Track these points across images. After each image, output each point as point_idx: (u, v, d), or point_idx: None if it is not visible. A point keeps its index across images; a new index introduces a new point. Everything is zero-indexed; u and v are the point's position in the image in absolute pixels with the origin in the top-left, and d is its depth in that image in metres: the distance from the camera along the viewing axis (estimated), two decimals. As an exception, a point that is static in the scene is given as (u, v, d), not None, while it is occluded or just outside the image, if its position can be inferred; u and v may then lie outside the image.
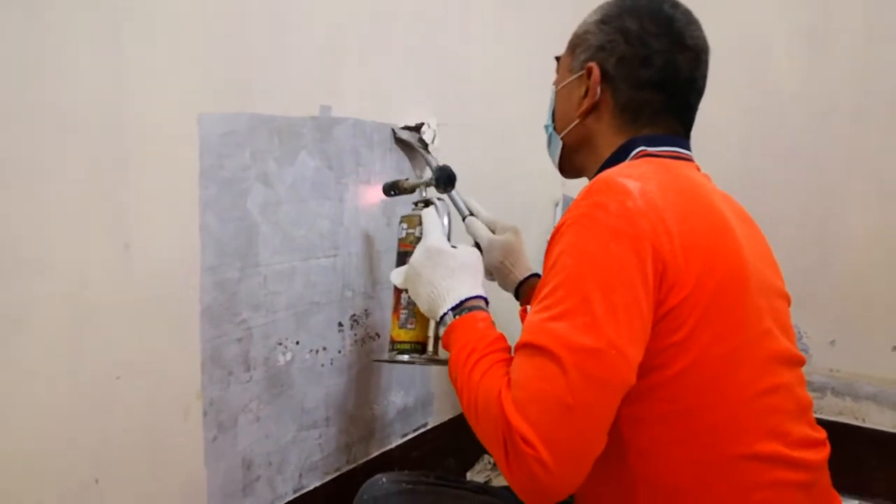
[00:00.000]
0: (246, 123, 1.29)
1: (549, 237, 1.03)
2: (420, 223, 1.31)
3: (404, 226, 1.37)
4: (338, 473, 1.55)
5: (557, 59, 1.27)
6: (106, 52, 1.08)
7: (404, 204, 1.52)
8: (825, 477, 1.05)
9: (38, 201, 1.02)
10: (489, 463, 1.92)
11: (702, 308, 0.94)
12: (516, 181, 2.00)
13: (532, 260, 1.47)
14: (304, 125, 1.40)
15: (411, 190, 1.45)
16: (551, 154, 1.28)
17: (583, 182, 1.12)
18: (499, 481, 1.83)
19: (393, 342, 1.34)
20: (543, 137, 1.28)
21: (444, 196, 1.44)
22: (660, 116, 1.14)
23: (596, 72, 1.14)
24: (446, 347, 1.12)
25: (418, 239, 1.30)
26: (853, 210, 1.85)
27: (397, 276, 1.29)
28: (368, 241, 1.57)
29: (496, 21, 1.92)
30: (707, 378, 0.95)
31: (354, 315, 1.56)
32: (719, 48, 1.19)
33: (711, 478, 0.94)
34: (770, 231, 1.88)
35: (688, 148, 1.16)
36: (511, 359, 0.99)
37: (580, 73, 1.17)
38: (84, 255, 1.08)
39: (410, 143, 1.59)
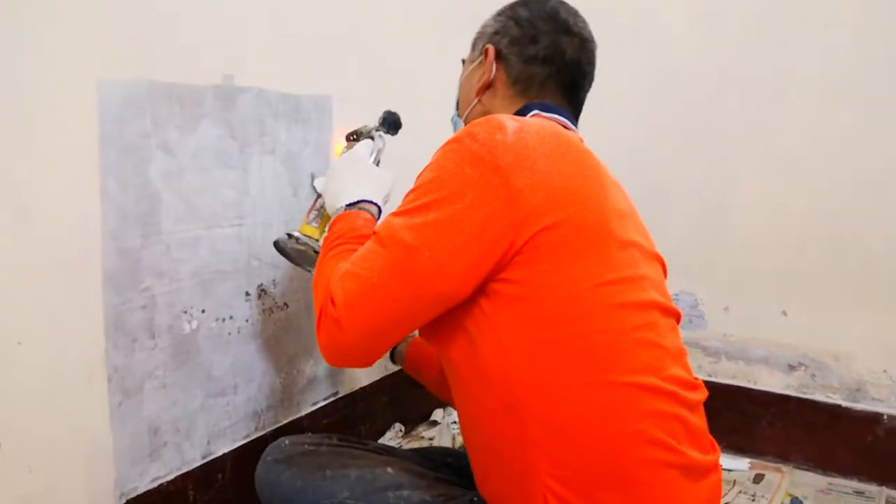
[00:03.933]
0: (146, 90, 1.30)
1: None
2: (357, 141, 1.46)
3: (345, 146, 1.48)
4: (246, 440, 1.57)
5: (463, 61, 1.35)
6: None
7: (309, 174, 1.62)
8: (701, 419, 1.11)
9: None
10: (400, 430, 1.96)
11: (566, 243, 1.00)
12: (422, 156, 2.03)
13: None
14: (207, 93, 1.41)
15: (369, 135, 1.51)
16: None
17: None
18: (407, 447, 1.88)
19: (297, 234, 1.44)
20: (451, 114, 1.36)
21: (386, 137, 1.50)
22: (547, 89, 1.23)
23: (491, 51, 1.25)
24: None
25: None
26: (744, 181, 1.95)
27: (319, 182, 1.45)
28: (274, 210, 1.59)
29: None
30: (583, 308, 1.01)
31: (262, 285, 1.58)
32: (614, 20, 1.27)
33: (594, 404, 1.00)
34: (666, 202, 1.99)
35: (575, 126, 1.24)
36: None
37: (479, 59, 1.27)
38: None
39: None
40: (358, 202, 1.29)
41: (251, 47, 1.51)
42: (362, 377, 1.90)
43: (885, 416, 1.81)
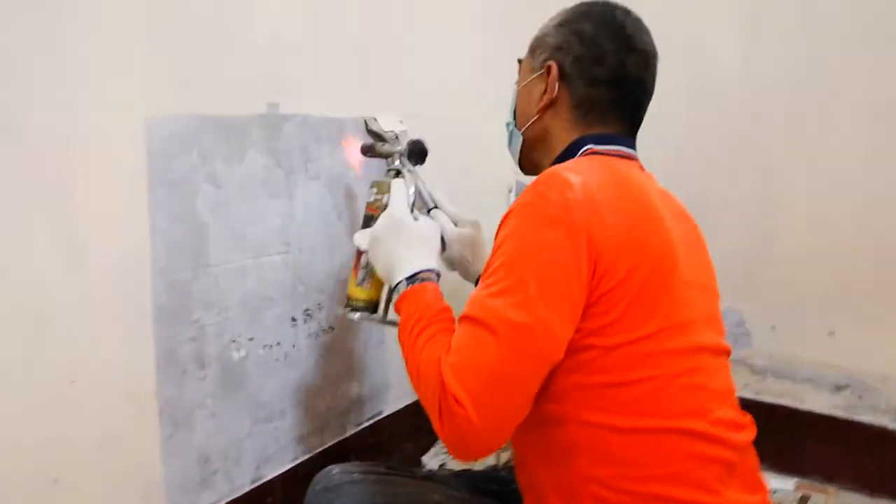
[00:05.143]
0: (192, 125, 1.31)
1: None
2: (388, 191, 1.37)
3: (374, 190, 1.42)
4: (294, 464, 1.59)
5: (520, 61, 1.34)
6: (47, 57, 1.10)
7: (360, 199, 1.59)
8: (750, 459, 1.12)
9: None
10: (444, 447, 1.96)
11: (631, 295, 1.02)
12: (471, 168, 2.03)
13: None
14: (252, 123, 1.42)
15: (386, 156, 1.51)
16: (511, 150, 1.35)
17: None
18: (454, 464, 1.89)
19: (349, 298, 1.41)
20: (496, 125, 1.36)
21: (415, 169, 1.48)
22: (609, 114, 1.22)
23: (554, 69, 1.22)
24: (398, 312, 1.20)
25: (385, 206, 1.35)
26: (790, 200, 1.91)
27: (361, 238, 1.36)
28: (319, 235, 1.59)
29: (443, 9, 1.93)
30: (634, 356, 1.03)
31: (307, 309, 1.59)
32: (658, 33, 1.25)
33: (639, 447, 1.02)
34: (714, 220, 1.96)
35: (633, 147, 1.25)
36: (454, 329, 1.08)
37: (540, 72, 1.24)
38: (36, 263, 1.11)
39: (381, 135, 1.62)
40: (417, 274, 1.23)
41: (294, 74, 1.51)
42: (406, 396, 1.91)
43: (932, 438, 1.78)
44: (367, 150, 1.55)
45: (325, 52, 1.58)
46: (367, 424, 1.79)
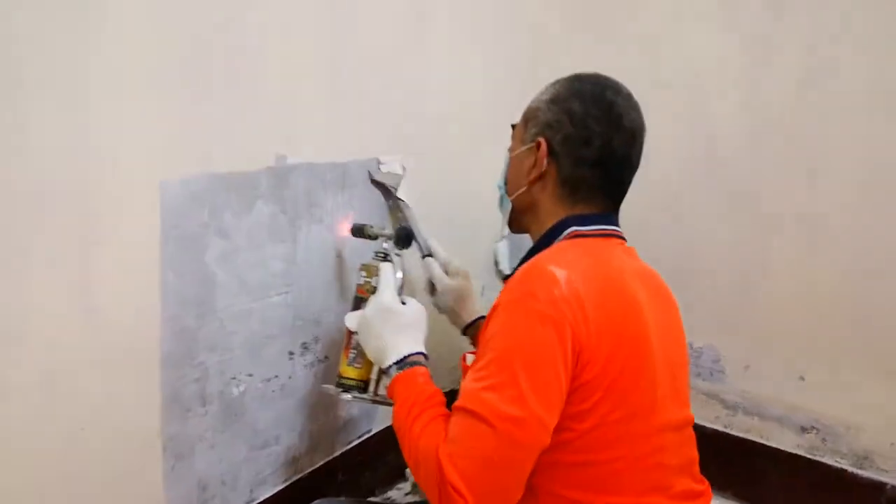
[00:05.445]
0: (204, 183, 1.38)
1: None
2: (377, 274, 1.47)
3: (363, 274, 1.52)
4: (285, 484, 1.70)
5: (513, 126, 1.41)
6: (72, 129, 1.17)
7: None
8: None
9: (13, 279, 1.13)
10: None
11: (608, 383, 1.13)
12: (470, 204, 2.09)
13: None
14: (261, 176, 1.49)
15: (374, 238, 1.60)
16: (502, 212, 1.45)
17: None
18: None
19: (340, 377, 1.52)
20: (497, 180, 1.45)
21: (402, 252, 1.58)
22: (595, 194, 1.31)
23: (544, 146, 1.30)
24: (391, 397, 1.31)
25: (374, 288, 1.47)
26: (775, 248, 1.99)
27: (351, 320, 1.47)
28: (319, 274, 1.68)
29: (447, 50, 1.98)
30: (604, 438, 1.15)
31: (304, 343, 1.68)
32: (657, 78, 1.32)
33: None
34: (701, 261, 2.05)
35: (616, 222, 1.33)
36: (446, 413, 1.19)
37: (530, 146, 1.33)
38: (53, 323, 1.19)
39: (385, 185, 1.71)
40: (406, 358, 1.33)
41: (303, 125, 1.58)
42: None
43: (889, 486, 1.89)
44: (358, 231, 1.64)
45: (333, 101, 1.65)
46: (356, 443, 1.90)
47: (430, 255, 1.68)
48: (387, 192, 1.78)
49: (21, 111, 1.10)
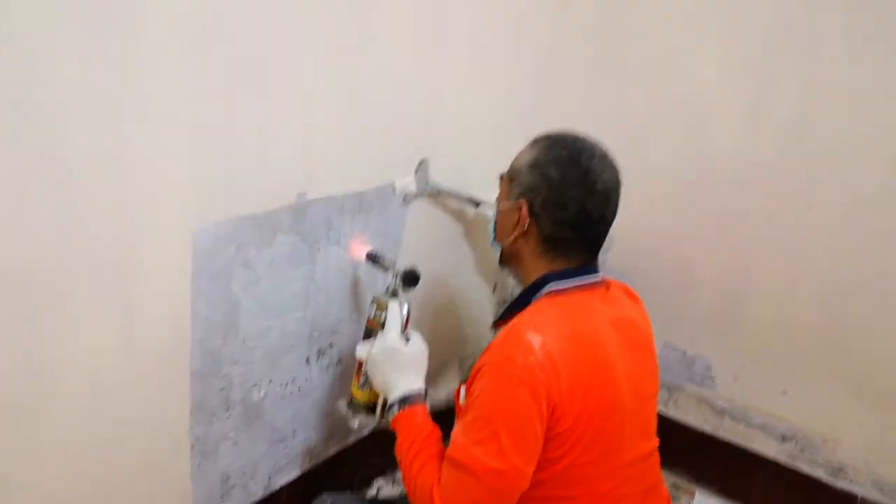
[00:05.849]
0: (232, 226, 1.55)
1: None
2: (386, 308, 1.65)
3: (374, 307, 1.70)
4: (301, 472, 1.92)
5: (501, 177, 1.57)
6: (109, 181, 1.32)
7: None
8: None
9: (68, 312, 1.33)
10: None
11: (579, 432, 1.34)
12: (480, 225, 2.20)
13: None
14: (283, 213, 1.66)
15: (386, 269, 1.75)
16: (493, 250, 1.61)
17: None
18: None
19: (352, 396, 1.72)
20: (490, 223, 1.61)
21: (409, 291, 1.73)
22: (573, 248, 1.47)
23: (524, 209, 1.47)
24: (393, 430, 1.52)
25: (383, 323, 1.65)
26: (764, 269, 2.11)
27: (362, 351, 1.66)
28: (336, 289, 1.86)
29: (463, 77, 2.07)
30: (576, 477, 1.37)
31: (320, 349, 1.87)
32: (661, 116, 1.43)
33: None
34: (698, 278, 2.17)
35: (595, 270, 1.50)
36: (441, 451, 1.41)
37: (514, 205, 1.48)
38: (103, 352, 1.40)
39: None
40: (407, 397, 1.52)
41: (323, 162, 1.72)
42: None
43: (859, 498, 2.05)
44: (373, 259, 1.78)
45: (353, 136, 1.77)
46: (367, 432, 2.11)
47: (477, 204, 1.95)
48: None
49: (68, 171, 1.27)
